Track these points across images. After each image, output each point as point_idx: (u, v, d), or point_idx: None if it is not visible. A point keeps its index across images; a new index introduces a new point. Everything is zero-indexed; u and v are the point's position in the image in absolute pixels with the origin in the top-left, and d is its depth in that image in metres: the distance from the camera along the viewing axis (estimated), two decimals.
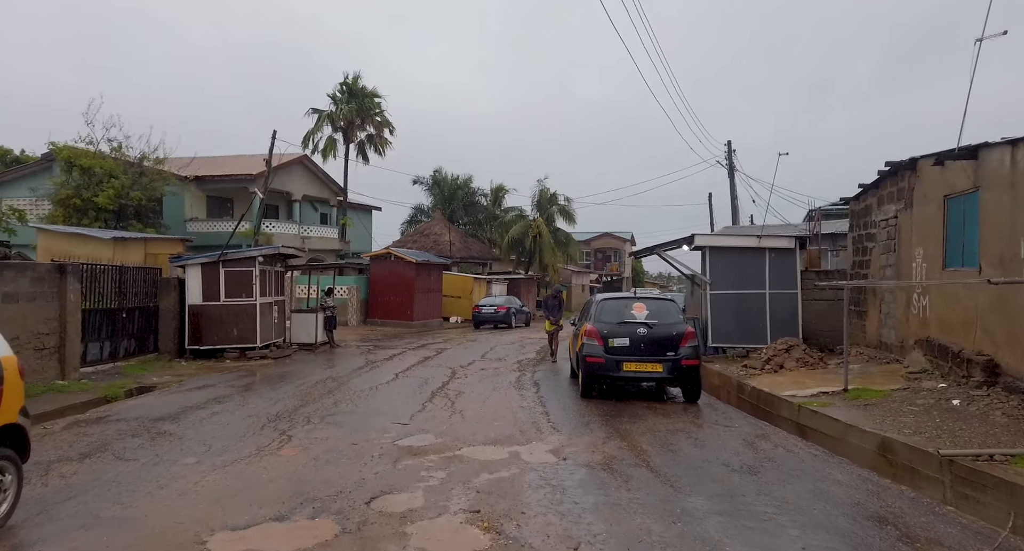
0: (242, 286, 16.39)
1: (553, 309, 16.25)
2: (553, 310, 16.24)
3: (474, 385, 11.70)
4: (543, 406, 9.54)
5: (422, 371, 13.81)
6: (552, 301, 16.43)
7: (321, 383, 11.81)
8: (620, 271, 72.58)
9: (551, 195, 45.84)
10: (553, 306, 16.28)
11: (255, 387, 11.28)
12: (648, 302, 10.16)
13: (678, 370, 9.60)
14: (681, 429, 7.93)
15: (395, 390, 11.04)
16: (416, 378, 12.60)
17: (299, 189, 35.25)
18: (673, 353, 9.70)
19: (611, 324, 9.96)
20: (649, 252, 17.75)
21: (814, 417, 8.52)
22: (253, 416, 8.53)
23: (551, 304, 16.38)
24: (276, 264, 18.04)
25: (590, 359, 9.86)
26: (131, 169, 27.61)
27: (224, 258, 16.19)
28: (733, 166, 31.98)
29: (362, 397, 10.17)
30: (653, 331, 9.75)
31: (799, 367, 12.59)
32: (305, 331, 19.36)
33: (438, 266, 31.92)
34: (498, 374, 13.24)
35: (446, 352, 18.22)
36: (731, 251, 15.56)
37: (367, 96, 38.54)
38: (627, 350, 9.72)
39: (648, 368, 9.62)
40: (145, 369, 13.68)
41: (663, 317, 10.00)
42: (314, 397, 10.13)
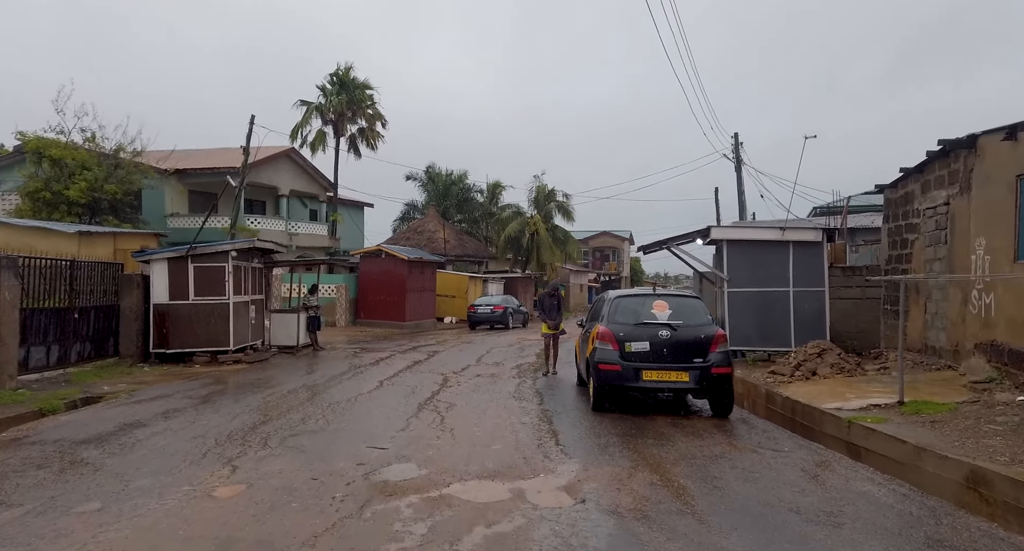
0: (213, 283, 14.90)
1: (551, 310, 13.23)
2: (551, 311, 13.22)
3: (468, 395, 10.23)
4: (549, 423, 8.09)
5: (410, 378, 12.34)
6: (549, 300, 13.43)
7: (293, 393, 10.33)
8: (618, 270, 71.22)
9: (549, 191, 44.40)
10: (551, 307, 13.29)
11: (217, 398, 9.80)
12: (671, 300, 8.72)
13: (707, 380, 8.16)
14: (722, 455, 6.48)
15: (377, 401, 9.57)
16: (403, 386, 11.14)
17: (286, 183, 33.72)
18: (701, 360, 8.25)
19: (628, 326, 8.51)
20: (659, 246, 16.31)
21: (870, 436, 7.10)
22: (200, 437, 7.05)
23: (548, 304, 13.37)
24: (253, 260, 16.55)
25: (603, 366, 8.41)
26: (105, 161, 26.08)
27: (193, 252, 14.70)
28: (740, 159, 30.59)
29: (337, 411, 8.69)
30: (678, 334, 8.31)
31: (834, 374, 11.16)
32: (286, 333, 17.88)
33: (431, 264, 30.44)
34: (495, 382, 11.78)
35: (438, 355, 16.76)
36: (751, 245, 14.14)
37: (358, 88, 37.02)
38: (647, 356, 8.28)
39: (672, 377, 8.18)
40: (100, 376, 12.20)
41: (689, 317, 8.55)
42: (281, 411, 8.66)
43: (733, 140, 30.85)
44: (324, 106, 36.67)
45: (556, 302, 13.42)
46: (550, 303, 13.38)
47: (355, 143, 38.70)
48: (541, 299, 13.68)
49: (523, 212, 44.32)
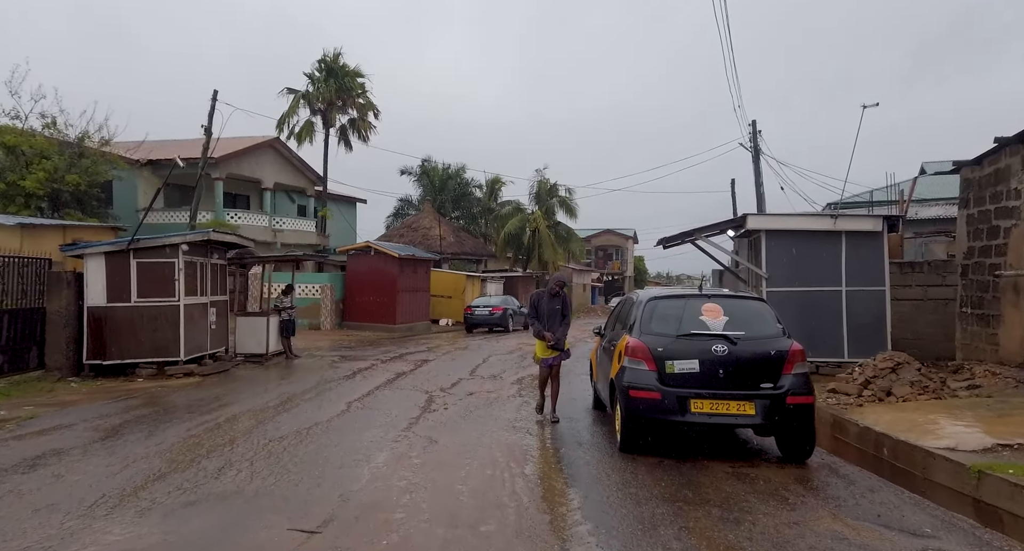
0: (161, 282, 12.67)
1: (551, 317, 8.25)
2: (551, 319, 8.25)
3: (455, 425, 7.99)
4: (563, 474, 5.85)
5: (387, 397, 10.10)
6: (550, 302, 8.34)
7: (233, 421, 8.09)
8: (622, 269, 68.98)
9: (551, 186, 42.12)
10: (551, 312, 8.28)
11: (128, 430, 7.55)
12: (726, 303, 6.47)
13: (780, 413, 5.92)
14: (841, 537, 4.24)
15: (334, 436, 7.33)
16: (375, 411, 8.89)
17: (270, 176, 31.48)
18: (771, 385, 6.02)
19: (669, 338, 6.28)
20: (682, 240, 14.07)
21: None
22: (50, 506, 4.82)
23: (548, 308, 8.31)
24: (213, 255, 14.32)
25: (636, 393, 6.18)
26: (67, 149, 23.89)
27: (136, 246, 12.46)
28: (759, 148, 28.31)
29: (275, 453, 6.45)
30: (738, 349, 6.07)
31: (916, 394, 8.92)
32: (254, 339, 15.63)
33: (425, 262, 28.20)
34: (491, 404, 9.53)
35: (427, 366, 14.52)
36: (796, 236, 11.91)
37: (348, 75, 34.77)
38: (697, 380, 6.05)
39: (732, 409, 5.94)
40: (8, 394, 10.02)
41: (752, 326, 6.32)
42: (199, 453, 6.42)
43: (751, 128, 28.57)
44: (312, 94, 34.44)
45: (560, 305, 8.27)
46: (550, 307, 8.22)
47: (346, 134, 36.48)
48: (536, 299, 8.33)
49: (524, 208, 42.06)
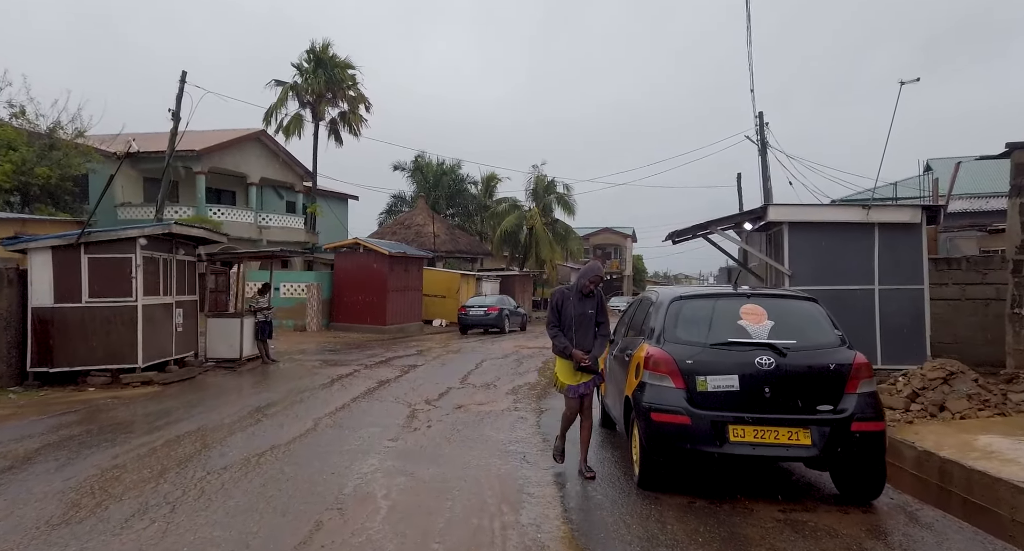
0: (116, 280, 11.39)
1: (581, 325, 5.76)
2: (581, 328, 5.76)
3: (438, 450, 6.73)
4: (569, 522, 4.59)
5: (363, 412, 8.84)
6: (580, 304, 5.79)
7: (174, 444, 6.82)
8: (620, 268, 67.79)
9: (549, 183, 40.82)
10: (582, 318, 5.77)
11: (42, 456, 6.28)
12: (769, 303, 5.20)
13: (845, 443, 4.66)
14: None
15: (289, 466, 6.05)
16: (346, 430, 7.62)
17: (256, 171, 30.16)
18: (831, 407, 4.77)
19: (700, 347, 5.02)
20: (693, 233, 12.85)
21: None
22: None
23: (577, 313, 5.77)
24: (179, 251, 13.03)
25: (660, 416, 4.93)
26: (38, 140, 22.57)
27: (88, 240, 11.18)
28: (765, 141, 27.07)
29: (208, 492, 5.17)
30: (789, 362, 4.81)
31: (975, 410, 7.68)
32: (226, 343, 14.33)
33: (417, 260, 26.92)
34: (482, 420, 8.26)
35: (415, 372, 13.25)
36: (822, 229, 10.68)
37: (338, 66, 33.43)
38: (737, 400, 4.79)
39: (783, 438, 4.68)
40: None
41: (804, 333, 5.05)
42: (111, 492, 5.15)
43: (757, 120, 27.34)
44: (300, 86, 33.12)
45: (594, 308, 5.79)
46: (580, 310, 5.74)
47: (336, 128, 35.16)
48: (559, 301, 5.84)
49: (520, 205, 40.79)
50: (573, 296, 5.80)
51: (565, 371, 5.83)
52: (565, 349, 5.68)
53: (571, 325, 5.72)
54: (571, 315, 5.72)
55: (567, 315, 5.75)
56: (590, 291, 5.78)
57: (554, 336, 5.80)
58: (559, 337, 5.75)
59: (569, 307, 5.76)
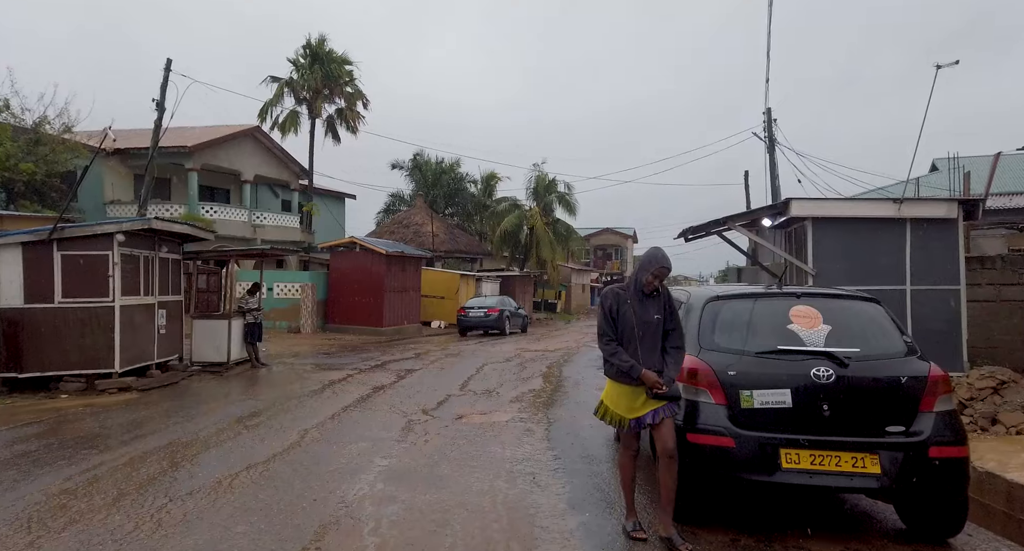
0: (92, 279, 10.64)
1: (646, 336, 4.24)
2: (646, 339, 4.24)
3: (435, 470, 5.97)
4: None
5: (354, 424, 8.08)
6: (643, 307, 4.29)
7: (135, 463, 6.06)
8: (621, 269, 67.02)
9: (550, 182, 40.04)
10: (647, 326, 4.26)
11: None
12: (823, 305, 4.45)
13: (921, 471, 3.91)
14: None
15: (265, 490, 5.30)
16: (334, 445, 6.87)
17: (250, 168, 29.37)
18: (902, 428, 4.02)
19: (743, 356, 4.27)
20: (707, 230, 12.14)
21: None
22: None
23: (639, 319, 4.27)
24: (163, 248, 12.28)
25: (697, 437, 4.18)
26: (23, 135, 21.83)
27: (61, 236, 10.43)
28: (773, 138, 26.35)
29: (163, 526, 4.42)
30: (852, 373, 4.06)
31: None
32: (213, 346, 13.59)
33: (416, 259, 26.17)
34: (483, 433, 7.50)
35: (412, 376, 12.49)
36: (849, 225, 9.97)
37: (335, 62, 32.68)
38: (790, 419, 4.05)
39: (845, 465, 3.93)
40: None
41: (867, 339, 4.31)
42: (51, 526, 4.41)
43: (765, 116, 26.62)
44: (296, 82, 32.38)
45: (661, 312, 4.32)
46: (643, 316, 4.28)
47: (333, 125, 34.44)
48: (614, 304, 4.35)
49: (521, 205, 39.98)
50: (631, 297, 4.31)
51: (622, 399, 4.25)
52: (631, 370, 4.13)
53: (632, 337, 4.22)
54: (631, 323, 4.25)
55: (626, 323, 4.26)
56: (654, 289, 4.29)
57: (612, 353, 4.24)
58: (619, 354, 4.20)
59: (627, 312, 4.26)
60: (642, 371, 4.12)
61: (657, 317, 4.27)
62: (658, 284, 4.29)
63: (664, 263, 4.24)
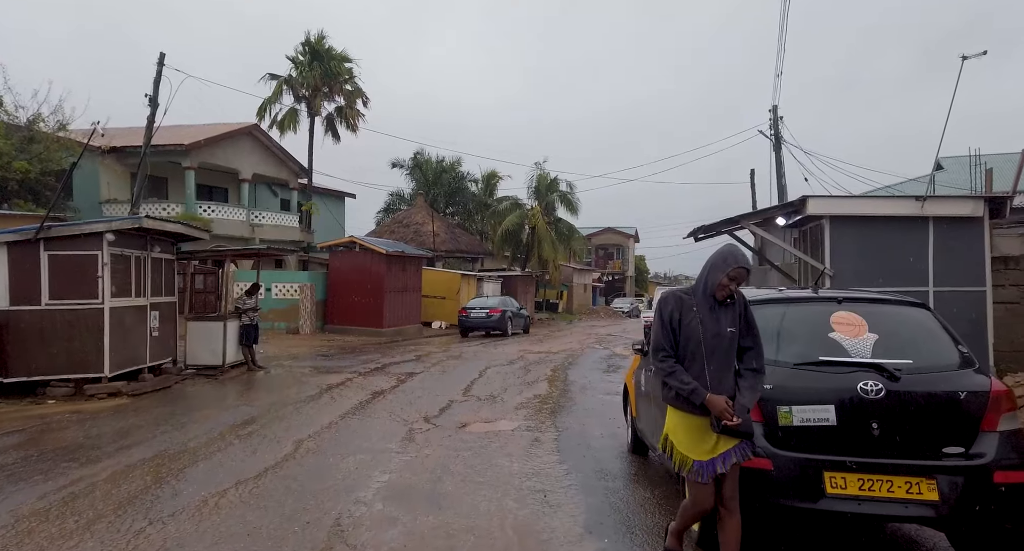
0: (81, 280, 10.25)
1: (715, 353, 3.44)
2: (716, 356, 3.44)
3: (437, 486, 5.58)
4: None
5: (352, 433, 7.68)
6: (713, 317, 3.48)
7: (115, 479, 5.66)
8: (623, 269, 66.63)
9: (551, 181, 39.62)
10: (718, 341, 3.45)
11: None
12: (867, 310, 4.04)
13: (984, 498, 3.49)
14: None
15: (253, 512, 4.91)
16: (329, 457, 6.46)
17: (248, 167, 28.96)
18: (961, 449, 3.61)
19: (777, 367, 3.84)
20: (722, 229, 11.75)
21: None
22: None
23: (709, 331, 3.45)
24: (155, 248, 11.88)
25: None
26: (16, 133, 21.43)
27: (48, 235, 10.03)
28: (780, 136, 25.94)
29: None
30: (903, 387, 3.65)
31: None
32: (208, 348, 13.18)
33: (416, 259, 25.77)
34: (489, 444, 7.10)
35: (413, 380, 12.09)
36: (868, 224, 9.58)
37: (334, 59, 32.30)
38: (834, 439, 3.64)
39: (898, 491, 3.51)
40: None
41: (917, 349, 3.90)
42: None
43: (771, 114, 26.20)
44: (295, 79, 32.01)
45: (735, 323, 3.50)
46: (713, 328, 3.46)
47: (332, 124, 34.09)
48: (675, 311, 3.54)
49: (522, 204, 39.57)
50: (699, 304, 3.49)
51: (685, 434, 3.47)
52: (693, 394, 3.36)
53: (698, 353, 3.43)
54: (696, 336, 3.44)
55: (690, 336, 3.45)
56: (728, 295, 3.47)
57: (669, 372, 3.47)
58: (678, 374, 3.43)
59: (692, 323, 3.46)
60: (707, 396, 3.32)
61: (731, 330, 3.46)
62: (733, 289, 3.48)
63: (742, 262, 3.44)
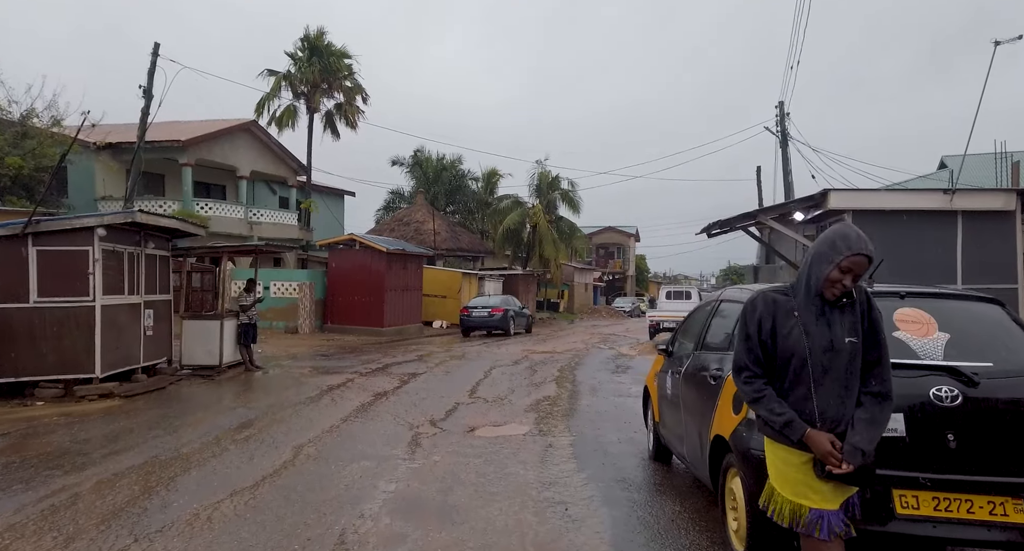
0: (71, 277, 9.84)
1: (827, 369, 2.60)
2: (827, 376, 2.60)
3: (448, 497, 5.17)
4: None
5: (355, 437, 7.27)
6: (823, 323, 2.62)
7: (101, 489, 5.26)
8: (624, 268, 66.25)
9: (552, 179, 39.21)
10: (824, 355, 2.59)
11: None
12: (935, 307, 3.62)
13: None
14: None
15: (248, 528, 4.51)
16: (331, 464, 6.06)
17: (246, 164, 28.53)
18: None
19: None
20: (736, 224, 11.37)
21: None
22: None
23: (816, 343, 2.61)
24: (149, 244, 11.46)
25: None
26: (9, 129, 20.99)
27: (36, 229, 9.61)
28: (786, 133, 25.56)
29: None
30: (982, 394, 3.24)
31: None
32: (204, 348, 12.76)
33: (417, 257, 25.36)
34: (500, 449, 6.69)
35: (416, 381, 11.68)
36: (893, 219, 9.18)
37: (334, 55, 31.82)
38: (904, 452, 3.23)
39: (980, 512, 3.11)
40: None
41: (995, 350, 3.48)
42: None
43: (777, 110, 25.81)
44: (294, 75, 31.49)
45: (855, 331, 2.62)
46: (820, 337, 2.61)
47: (332, 120, 33.56)
48: (766, 318, 2.71)
49: (523, 202, 39.14)
50: (801, 308, 2.64)
51: (792, 475, 2.63)
52: (787, 428, 2.58)
53: (803, 374, 2.60)
54: (801, 350, 2.60)
55: (792, 350, 2.62)
56: (843, 293, 2.60)
57: (755, 398, 2.68)
58: (766, 400, 2.64)
59: (794, 332, 2.62)
60: (806, 431, 2.52)
61: (850, 341, 2.58)
62: (849, 285, 2.57)
63: (858, 247, 2.53)
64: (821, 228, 11.18)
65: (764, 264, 20.53)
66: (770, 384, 2.68)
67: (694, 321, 5.49)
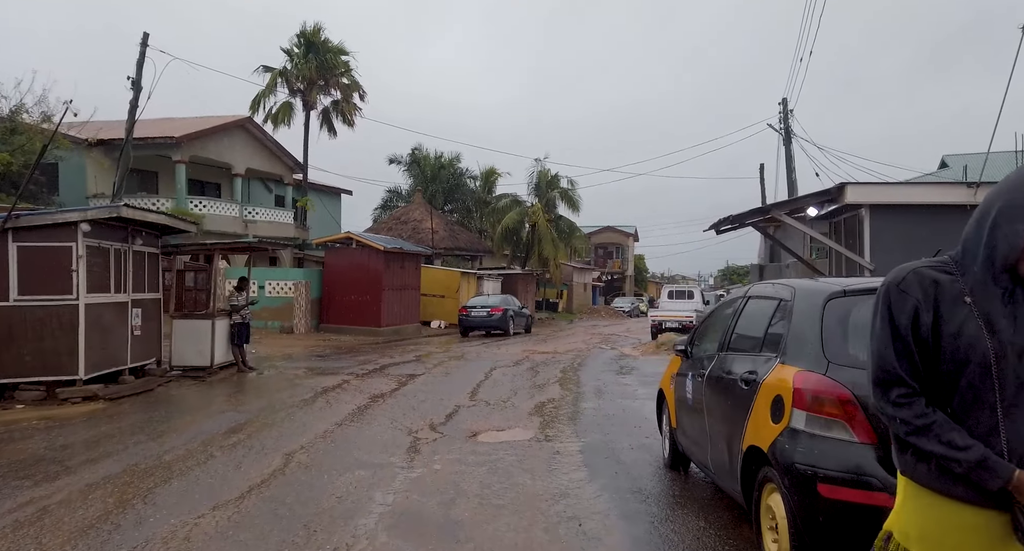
0: (54, 274, 9.41)
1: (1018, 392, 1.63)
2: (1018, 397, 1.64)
3: (451, 513, 4.76)
4: None
5: (349, 442, 6.86)
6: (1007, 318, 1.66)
7: (71, 503, 4.84)
8: (622, 268, 65.88)
9: (552, 177, 38.82)
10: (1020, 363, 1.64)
11: None
12: None
13: None
14: None
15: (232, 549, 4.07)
16: (324, 474, 5.64)
17: (241, 161, 28.08)
18: None
19: None
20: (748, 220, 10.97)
21: None
22: None
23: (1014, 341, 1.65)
24: (137, 240, 11.02)
25: (835, 491, 2.95)
26: None
27: (16, 225, 9.19)
28: (790, 130, 25.19)
29: None
30: None
31: None
32: (195, 348, 12.34)
33: (415, 256, 24.93)
34: (505, 456, 6.28)
35: (414, 383, 11.27)
36: (913, 213, 8.78)
37: (331, 51, 31.38)
38: None
39: None
40: None
41: None
42: None
43: (780, 107, 25.45)
44: (290, 72, 31.06)
45: None
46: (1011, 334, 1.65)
47: (329, 118, 33.13)
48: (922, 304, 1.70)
49: (522, 201, 38.74)
50: (976, 290, 1.70)
51: (957, 538, 1.67)
52: (979, 471, 1.61)
53: (985, 388, 1.66)
54: (980, 352, 1.67)
55: (965, 353, 1.68)
56: None
57: (919, 427, 1.68)
58: (938, 429, 1.66)
59: (967, 327, 1.68)
60: (1014, 473, 1.58)
61: None
62: None
63: None
64: (834, 224, 10.80)
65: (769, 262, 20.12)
66: (934, 404, 1.71)
67: (717, 320, 5.08)
